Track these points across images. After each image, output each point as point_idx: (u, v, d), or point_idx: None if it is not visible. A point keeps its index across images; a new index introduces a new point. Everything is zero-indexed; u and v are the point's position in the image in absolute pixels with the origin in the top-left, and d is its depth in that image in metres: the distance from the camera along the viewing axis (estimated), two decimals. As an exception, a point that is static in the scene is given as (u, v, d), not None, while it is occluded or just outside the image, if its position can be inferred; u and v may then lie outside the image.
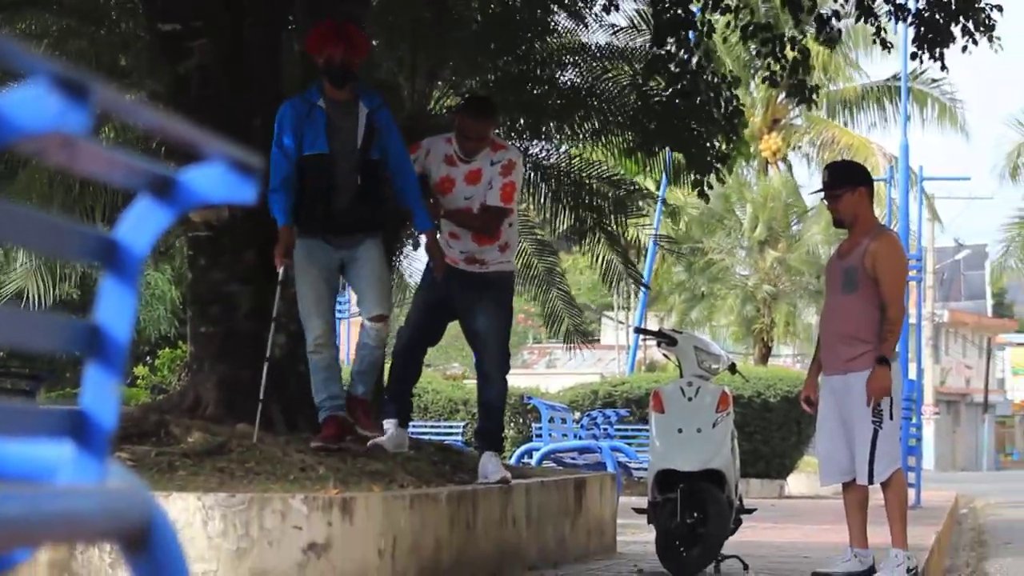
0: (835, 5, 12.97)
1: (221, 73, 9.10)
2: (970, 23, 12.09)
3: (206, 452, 7.79)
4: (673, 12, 12.16)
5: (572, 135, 14.04)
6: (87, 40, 13.08)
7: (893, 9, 12.46)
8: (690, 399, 8.63)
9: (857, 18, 12.87)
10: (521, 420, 23.58)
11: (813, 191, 10.85)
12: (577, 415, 21.64)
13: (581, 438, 18.62)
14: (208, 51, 9.09)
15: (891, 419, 7.99)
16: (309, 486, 7.11)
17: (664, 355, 10.04)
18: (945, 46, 12.22)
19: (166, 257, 20.72)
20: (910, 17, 12.41)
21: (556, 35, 13.76)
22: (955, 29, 12.12)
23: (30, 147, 1.57)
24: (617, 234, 14.94)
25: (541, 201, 14.43)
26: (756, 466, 23.18)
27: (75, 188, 14.18)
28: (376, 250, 8.26)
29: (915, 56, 12.49)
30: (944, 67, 12.57)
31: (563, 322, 15.87)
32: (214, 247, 9.16)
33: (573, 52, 13.88)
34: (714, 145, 13.25)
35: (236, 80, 9.13)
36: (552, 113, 13.70)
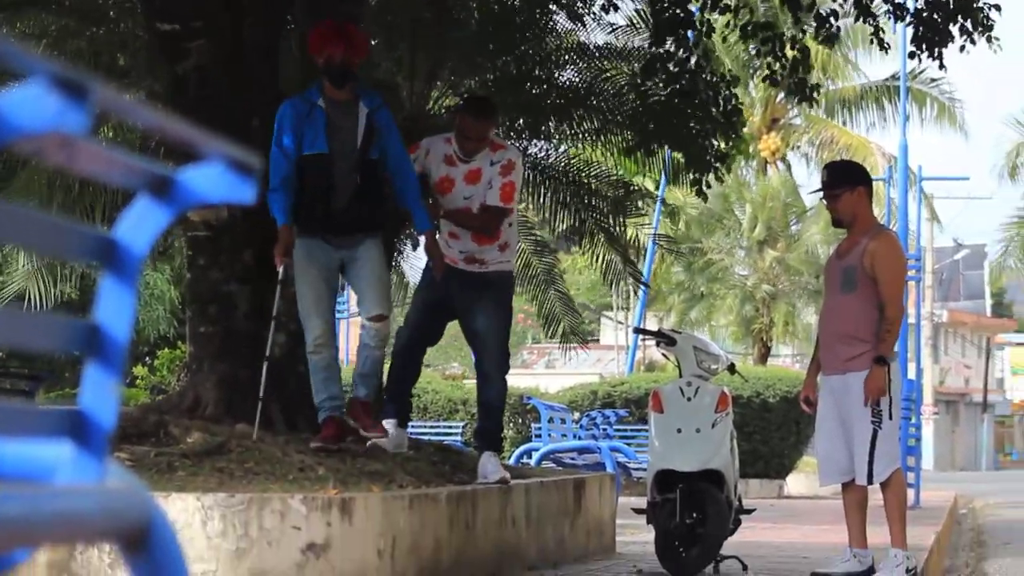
0: (834, 4, 12.96)
1: (220, 73, 9.10)
2: (968, 23, 12.08)
3: (205, 452, 7.79)
4: (672, 12, 12.16)
5: (571, 135, 14.03)
6: (86, 40, 13.07)
7: (892, 8, 12.45)
8: (689, 399, 8.63)
9: (856, 18, 12.86)
10: (520, 420, 23.58)
11: (812, 191, 10.91)
12: (576, 415, 21.63)
13: (580, 438, 18.61)
14: (207, 51, 9.09)
15: (890, 419, 7.99)
16: (308, 486, 7.11)
17: (663, 355, 10.04)
18: (943, 46, 12.21)
19: (165, 257, 20.72)
20: (908, 17, 12.40)
21: (555, 35, 13.74)
22: (953, 29, 12.12)
23: (29, 147, 1.57)
24: (617, 233, 14.92)
25: (540, 201, 14.42)
26: (755, 466, 23.18)
27: (75, 188, 14.17)
28: (376, 250, 8.26)
29: (913, 56, 12.48)
30: (943, 66, 12.57)
31: (560, 323, 15.87)
32: (213, 247, 9.16)
33: (572, 52, 13.87)
34: (713, 144, 13.24)
35: (235, 80, 9.12)
36: (551, 113, 13.69)
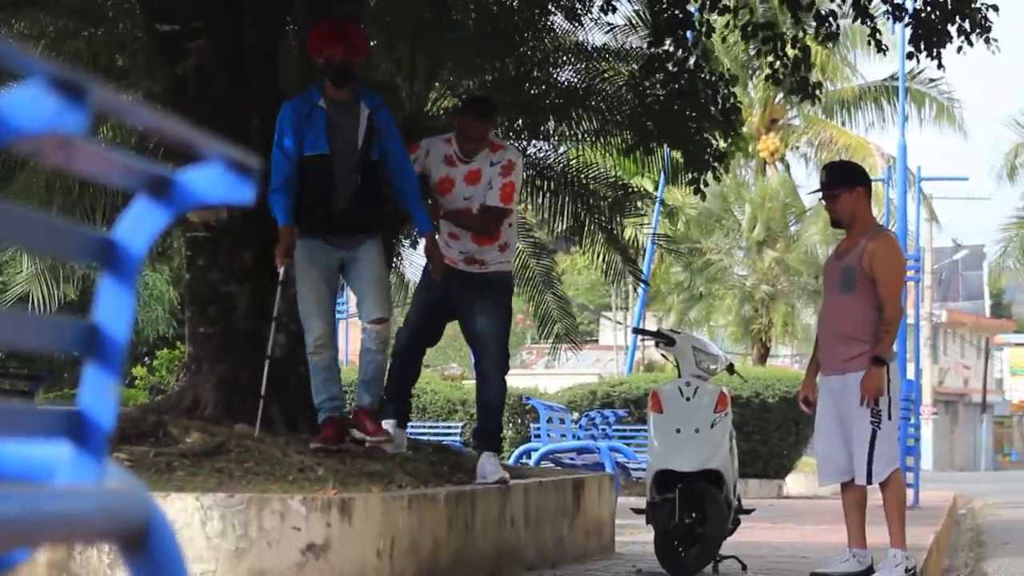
0: (832, 5, 12.96)
1: (220, 73, 9.09)
2: (966, 23, 12.08)
3: (204, 452, 7.79)
4: (671, 12, 12.16)
5: (570, 135, 14.03)
6: (84, 41, 13.07)
7: (891, 9, 12.45)
8: (688, 399, 8.63)
9: (854, 19, 12.87)
10: (519, 420, 23.58)
11: (811, 191, 10.91)
12: (575, 415, 21.61)
13: (579, 438, 18.60)
14: (206, 52, 9.09)
15: (889, 419, 7.99)
16: (308, 487, 7.11)
17: (662, 355, 10.05)
18: (942, 46, 12.21)
19: (164, 258, 20.71)
20: (907, 17, 12.40)
21: (553, 36, 13.74)
22: (951, 29, 12.12)
23: (28, 147, 1.57)
24: (616, 232, 14.94)
25: (540, 201, 14.42)
26: (754, 466, 23.18)
27: (75, 190, 14.17)
28: (376, 251, 8.25)
29: (912, 56, 12.48)
30: (941, 66, 12.56)
31: (554, 325, 15.91)
32: (212, 247, 9.16)
33: (570, 52, 13.87)
34: (712, 143, 13.25)
35: (235, 80, 9.12)
36: (550, 113, 13.69)
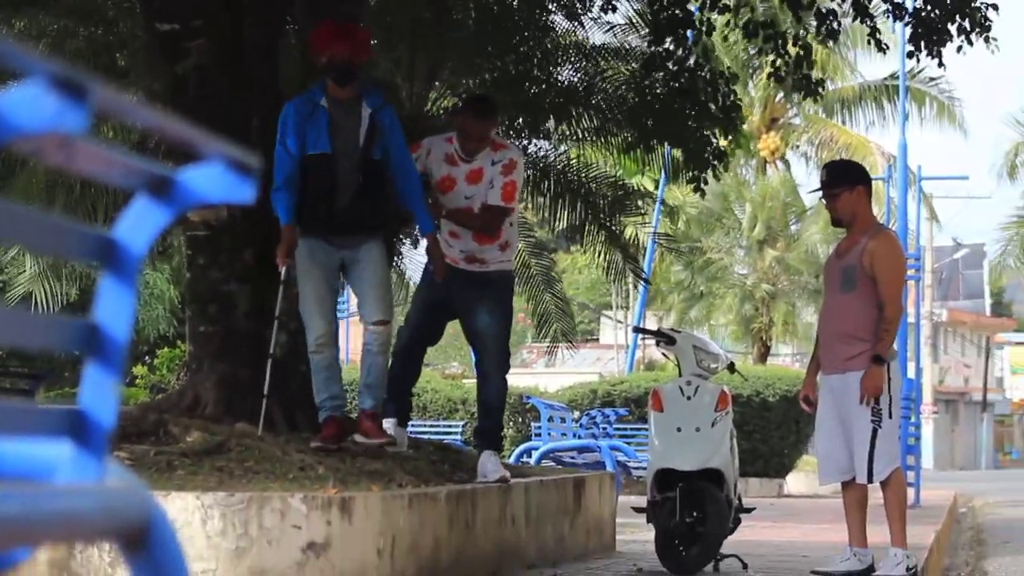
0: (831, 3, 12.96)
1: (219, 73, 9.09)
2: (966, 22, 12.08)
3: (205, 451, 7.79)
4: (671, 11, 12.16)
5: (571, 134, 14.04)
6: (85, 40, 13.07)
7: (891, 8, 12.45)
8: (689, 398, 8.63)
9: (853, 18, 12.87)
10: (520, 419, 23.58)
11: (811, 190, 10.92)
12: (576, 414, 21.62)
13: (580, 437, 18.61)
14: (206, 51, 9.09)
15: (890, 418, 7.99)
16: (308, 485, 7.11)
17: (663, 354, 10.04)
18: (941, 45, 12.21)
19: (164, 257, 20.73)
20: (907, 16, 12.40)
21: (553, 35, 13.74)
22: (952, 28, 12.12)
23: (28, 147, 1.57)
24: (617, 231, 14.97)
25: (540, 200, 14.42)
26: (755, 465, 23.19)
27: (76, 189, 14.18)
28: (377, 252, 8.22)
29: (912, 55, 12.49)
30: (942, 64, 12.56)
31: (552, 325, 15.93)
32: (212, 246, 9.16)
33: (570, 51, 13.87)
34: (712, 140, 13.26)
35: (234, 80, 9.12)
36: (550, 111, 13.70)
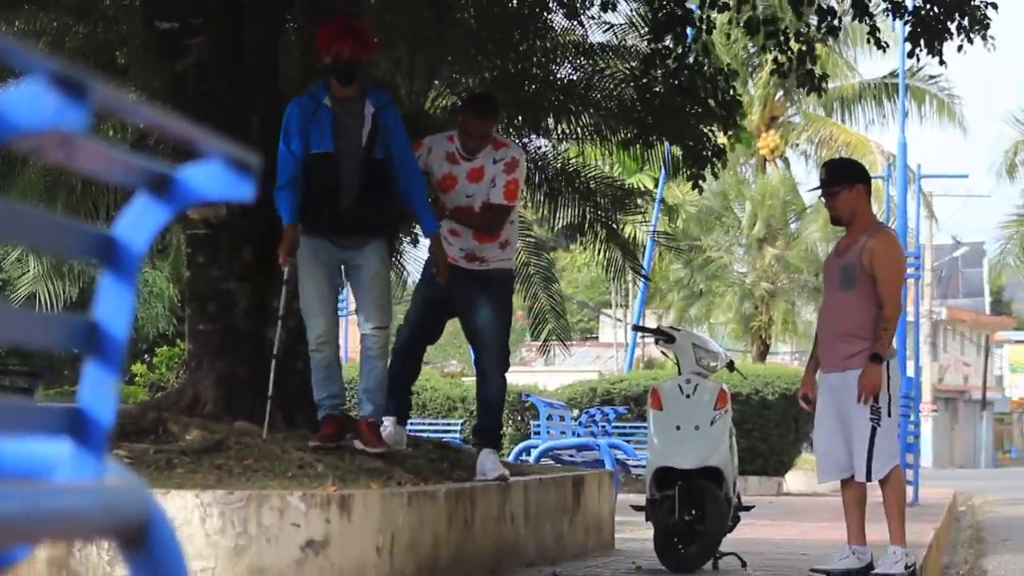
0: (831, 1, 12.97)
1: (219, 71, 9.09)
2: (965, 20, 12.09)
3: (204, 449, 7.79)
4: (669, 8, 12.17)
5: (570, 132, 14.04)
6: (84, 38, 13.06)
7: (890, 6, 12.45)
8: (688, 396, 8.63)
9: (853, 16, 12.87)
10: (519, 417, 23.58)
11: (811, 188, 10.94)
12: (575, 412, 21.63)
13: (579, 435, 18.62)
14: (206, 49, 9.08)
15: (889, 416, 7.99)
16: (307, 483, 7.11)
17: (662, 352, 10.06)
18: (941, 43, 12.22)
19: (164, 255, 20.73)
20: (906, 15, 12.40)
21: (553, 33, 13.74)
22: (951, 26, 12.13)
23: (28, 145, 1.57)
24: (617, 228, 14.99)
25: (540, 198, 14.42)
26: (754, 463, 23.19)
27: (77, 188, 14.18)
28: (379, 258, 8.19)
29: (912, 54, 12.50)
30: (943, 63, 12.56)
31: (547, 324, 15.97)
32: (212, 245, 9.16)
33: (570, 49, 13.87)
34: (711, 137, 13.26)
35: (234, 78, 9.12)
36: (549, 109, 13.70)
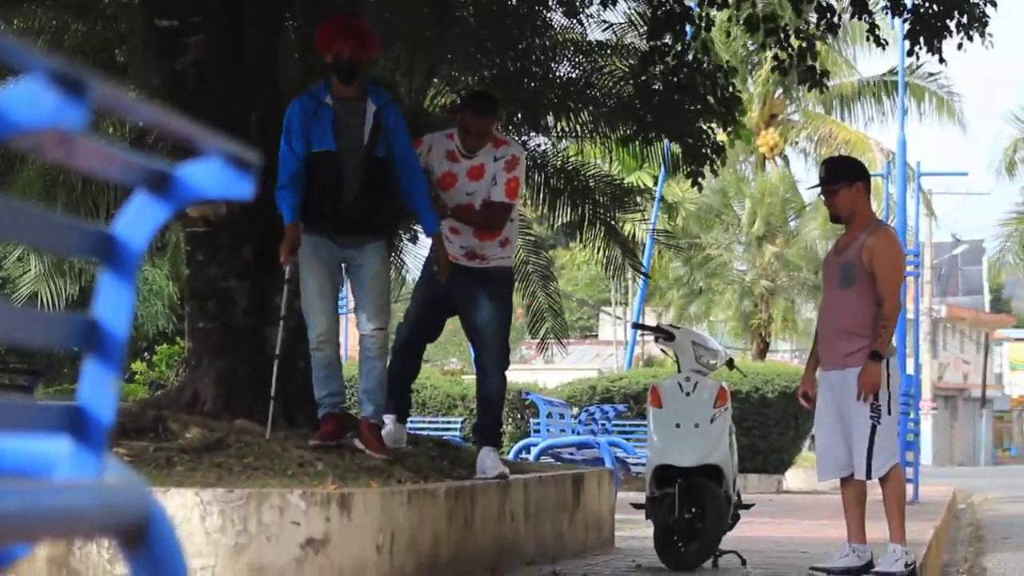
0: (830, -1, 12.97)
1: (218, 69, 9.09)
2: (964, 18, 12.09)
3: (204, 448, 7.79)
4: (669, 6, 12.17)
5: (569, 130, 14.04)
6: (83, 36, 13.06)
7: (890, 4, 12.45)
8: (688, 394, 8.63)
9: (852, 14, 12.87)
10: (519, 416, 23.58)
11: (810, 187, 10.93)
12: (575, 410, 21.62)
13: (579, 433, 18.61)
14: (205, 47, 9.08)
15: (889, 414, 7.99)
16: (307, 481, 7.11)
17: (662, 350, 10.06)
18: (940, 41, 12.22)
19: (162, 252, 20.73)
20: (905, 12, 12.41)
21: (552, 31, 13.74)
22: (951, 24, 12.13)
23: (27, 143, 1.57)
24: (616, 226, 15.00)
25: (539, 196, 14.43)
26: (754, 461, 23.19)
27: (77, 186, 14.18)
28: (379, 257, 8.19)
29: (912, 52, 12.51)
30: (943, 60, 12.56)
31: (545, 323, 16.00)
32: (211, 243, 9.16)
33: (569, 47, 13.87)
34: (711, 134, 13.26)
35: (233, 76, 9.12)
36: (549, 107, 13.70)
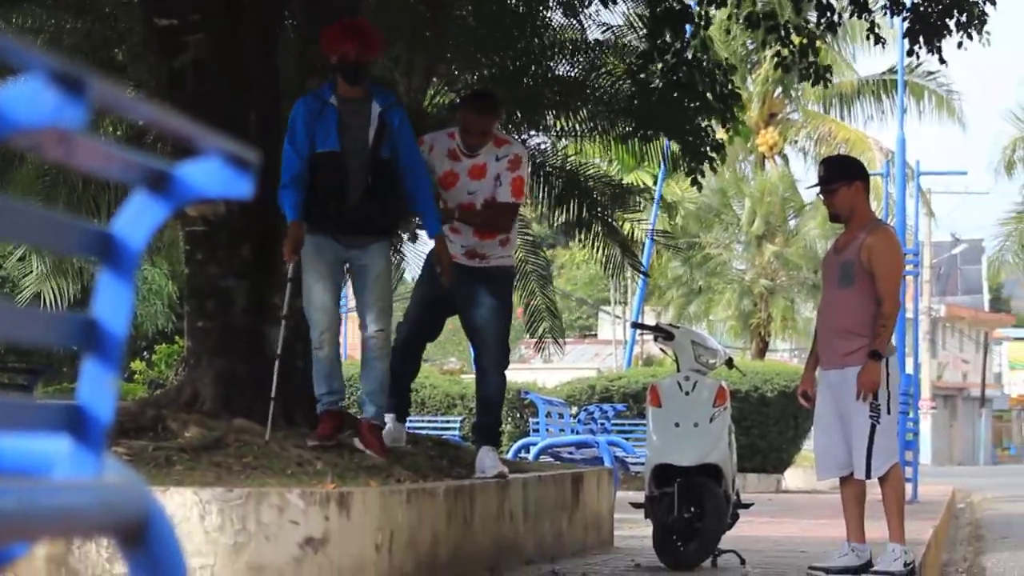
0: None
1: (218, 68, 9.08)
2: (964, 16, 12.10)
3: (203, 447, 7.78)
4: (668, 4, 12.18)
5: (569, 129, 14.04)
6: (83, 35, 13.06)
7: (889, 3, 12.46)
8: (687, 393, 8.63)
9: (851, 13, 12.88)
10: (518, 415, 23.58)
11: (809, 186, 10.93)
12: (574, 410, 21.62)
13: (578, 433, 18.61)
14: (204, 46, 9.08)
15: (888, 413, 7.99)
16: (306, 481, 7.11)
17: (661, 350, 10.06)
18: (939, 40, 12.23)
19: (162, 252, 20.71)
20: (905, 11, 12.41)
21: (551, 30, 13.74)
22: (950, 23, 12.14)
23: (27, 142, 1.57)
24: (616, 225, 15.00)
25: (539, 195, 14.43)
26: (753, 460, 23.19)
27: (78, 186, 14.18)
28: (384, 258, 8.18)
29: (912, 52, 12.51)
30: (943, 61, 12.56)
31: (542, 323, 16.01)
32: (211, 242, 9.15)
33: (568, 47, 13.87)
34: (709, 133, 13.26)
35: (233, 75, 9.11)
36: (548, 106, 13.69)
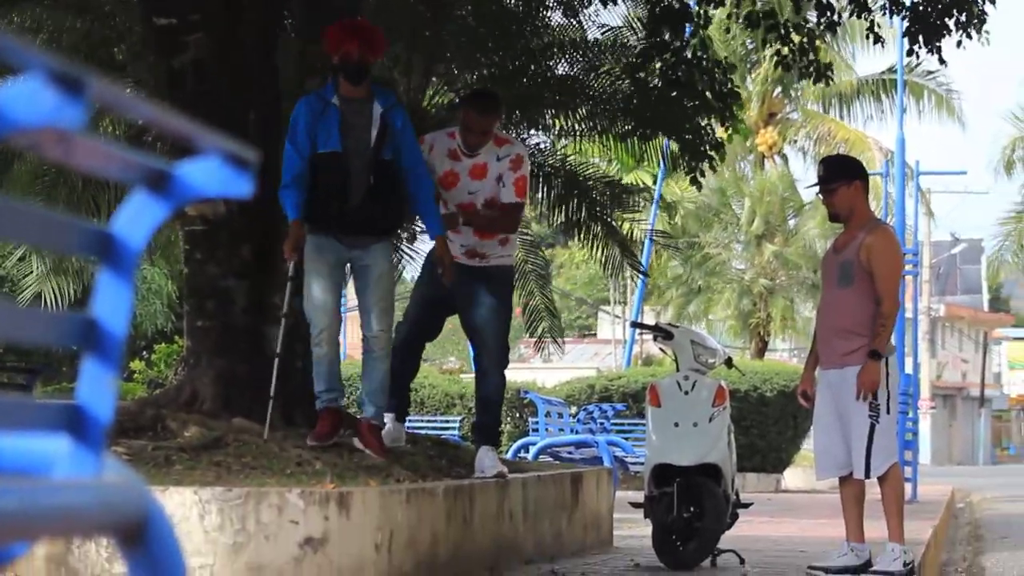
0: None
1: (217, 67, 9.08)
2: (963, 16, 12.11)
3: (203, 446, 7.79)
4: (667, 3, 12.18)
5: (568, 128, 14.04)
6: (82, 34, 13.06)
7: (888, 3, 12.46)
8: (686, 393, 8.63)
9: (851, 13, 12.89)
10: (518, 415, 23.58)
11: (808, 185, 10.93)
12: (574, 409, 21.61)
13: (578, 432, 18.60)
14: (204, 45, 9.08)
15: (888, 413, 8.00)
16: (306, 480, 7.12)
17: (661, 349, 10.06)
18: (939, 39, 12.23)
19: (162, 252, 20.72)
20: (904, 11, 12.42)
21: (551, 30, 13.74)
22: (950, 23, 12.15)
23: (26, 141, 1.57)
24: (615, 225, 15.01)
25: (538, 195, 14.43)
26: (752, 460, 23.19)
27: (78, 185, 14.18)
28: (386, 258, 8.18)
29: (911, 52, 12.52)
30: (942, 61, 12.56)
31: (540, 323, 16.02)
32: (210, 241, 9.15)
33: (567, 46, 13.87)
34: (708, 132, 13.26)
35: (232, 74, 9.11)
36: (547, 105, 13.69)
